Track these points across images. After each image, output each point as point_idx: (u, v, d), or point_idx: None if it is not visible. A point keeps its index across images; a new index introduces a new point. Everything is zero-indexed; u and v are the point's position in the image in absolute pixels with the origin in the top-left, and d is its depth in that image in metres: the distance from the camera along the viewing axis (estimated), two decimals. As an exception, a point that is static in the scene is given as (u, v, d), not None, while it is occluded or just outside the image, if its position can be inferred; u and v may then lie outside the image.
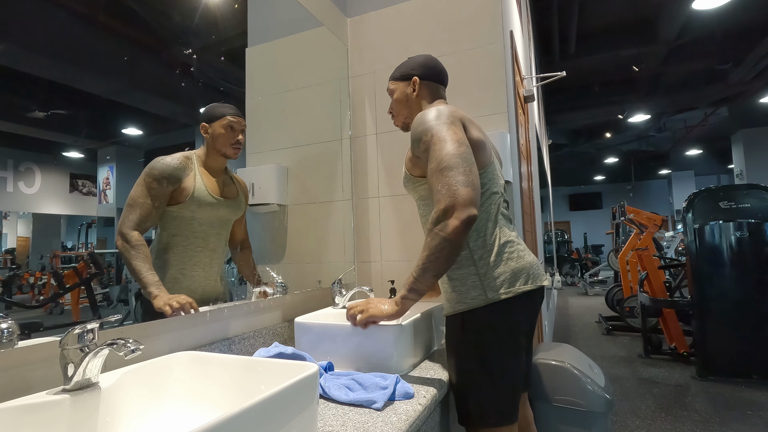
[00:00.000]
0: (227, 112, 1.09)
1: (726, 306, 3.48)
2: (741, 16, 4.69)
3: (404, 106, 1.21)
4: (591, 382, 1.58)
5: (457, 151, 0.94)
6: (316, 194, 1.67)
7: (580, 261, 11.28)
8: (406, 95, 1.20)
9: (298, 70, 1.63)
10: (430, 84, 1.19)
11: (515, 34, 2.30)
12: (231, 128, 1.09)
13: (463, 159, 0.94)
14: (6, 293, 0.75)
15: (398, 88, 1.22)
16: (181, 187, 0.99)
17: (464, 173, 0.92)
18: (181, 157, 1.01)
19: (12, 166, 0.77)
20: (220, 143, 1.08)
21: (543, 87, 5.93)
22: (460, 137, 0.97)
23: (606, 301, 6.18)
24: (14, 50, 0.76)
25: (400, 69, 1.22)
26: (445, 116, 1.00)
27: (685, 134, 9.30)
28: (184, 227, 1.04)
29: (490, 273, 1.02)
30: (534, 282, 1.04)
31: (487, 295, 1.00)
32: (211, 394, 0.76)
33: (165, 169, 0.97)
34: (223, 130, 1.08)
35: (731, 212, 3.57)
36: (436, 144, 0.96)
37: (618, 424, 2.78)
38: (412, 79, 1.18)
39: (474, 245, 1.04)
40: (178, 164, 0.99)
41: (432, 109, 1.03)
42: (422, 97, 1.18)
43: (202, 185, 1.04)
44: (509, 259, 1.03)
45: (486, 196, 1.06)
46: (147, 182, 0.95)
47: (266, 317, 1.28)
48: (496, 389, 0.98)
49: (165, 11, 1.08)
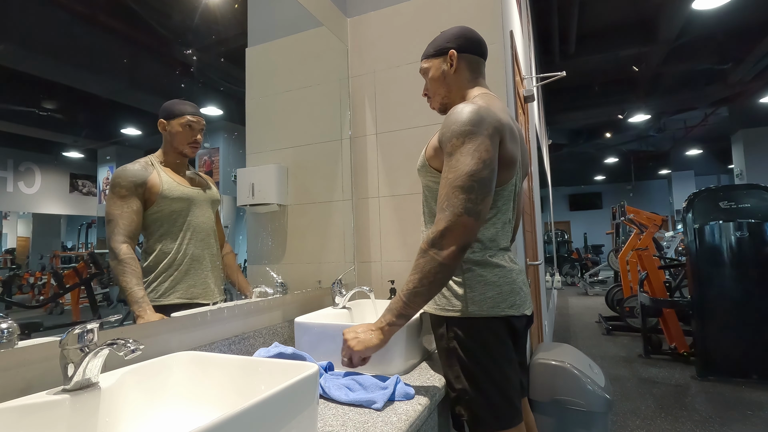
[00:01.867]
0: (187, 110, 1.06)
1: (726, 306, 3.49)
2: (741, 16, 4.69)
3: (441, 84, 1.09)
4: (591, 382, 1.58)
5: (479, 175, 0.88)
6: (316, 194, 1.67)
7: (580, 261, 11.28)
8: (443, 72, 1.08)
9: (298, 70, 1.63)
10: (471, 57, 1.07)
11: (515, 34, 2.30)
12: (189, 127, 1.06)
13: (480, 184, 0.88)
14: (6, 293, 0.75)
15: (433, 66, 1.10)
16: (148, 186, 0.98)
17: (475, 201, 0.87)
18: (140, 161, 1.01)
19: (12, 166, 0.77)
20: (177, 141, 1.05)
21: (543, 87, 5.93)
22: (489, 157, 0.89)
23: (606, 301, 6.18)
24: (14, 50, 0.76)
25: (434, 44, 1.10)
26: (486, 125, 0.91)
27: (685, 134, 9.31)
28: (168, 225, 1.03)
29: (477, 288, 0.98)
30: (518, 309, 1.00)
31: (468, 308, 0.97)
32: (211, 394, 0.76)
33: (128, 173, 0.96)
34: (181, 128, 1.05)
35: (731, 212, 3.57)
36: (462, 155, 0.89)
37: (618, 424, 2.78)
38: (449, 53, 1.06)
39: (468, 256, 1.00)
40: (139, 167, 0.98)
41: (473, 109, 0.92)
42: (461, 72, 1.07)
43: (168, 178, 1.03)
44: (501, 278, 0.99)
45: (493, 212, 1.01)
46: (117, 192, 0.94)
47: (266, 317, 1.28)
48: (487, 395, 0.94)
49: (165, 11, 1.08)
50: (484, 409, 0.94)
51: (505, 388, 0.95)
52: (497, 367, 0.96)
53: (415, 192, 1.74)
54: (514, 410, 0.96)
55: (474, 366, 0.95)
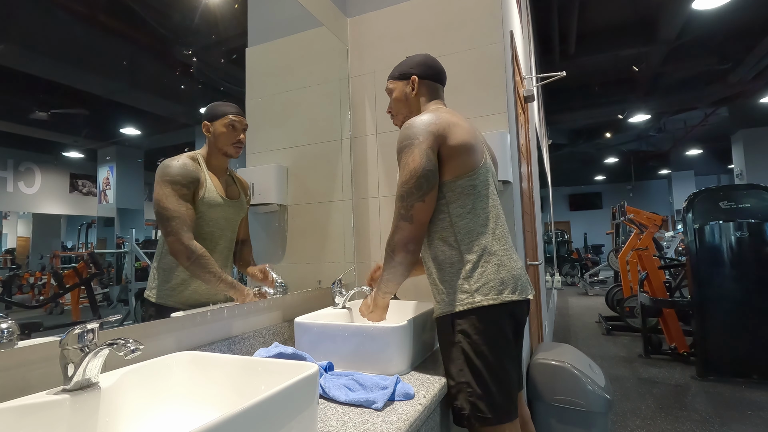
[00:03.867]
0: (229, 110, 1.09)
1: (726, 306, 3.49)
2: (741, 16, 4.68)
3: (404, 105, 1.22)
4: (591, 382, 1.58)
5: (407, 185, 1.02)
6: (316, 194, 1.67)
7: (580, 261, 11.27)
8: (405, 94, 1.21)
9: (298, 70, 1.63)
10: (430, 83, 1.20)
11: (515, 34, 2.30)
12: (233, 127, 1.08)
13: (408, 193, 1.02)
14: (6, 293, 0.75)
15: (397, 87, 1.22)
16: (199, 185, 1.00)
17: (406, 207, 1.02)
18: (189, 157, 1.01)
19: (12, 166, 0.77)
20: (221, 142, 1.07)
21: (543, 87, 5.93)
22: (416, 165, 1.01)
23: (606, 301, 6.18)
24: (14, 50, 0.76)
25: (399, 68, 1.23)
26: (417, 134, 1.03)
27: (685, 134, 9.30)
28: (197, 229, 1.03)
29: (479, 279, 1.02)
30: (521, 293, 1.05)
31: (474, 299, 1.01)
32: (211, 394, 0.76)
33: (186, 172, 0.97)
34: (225, 129, 1.07)
35: (731, 212, 3.57)
36: (401, 170, 1.04)
37: (618, 424, 2.78)
38: (411, 78, 1.19)
39: (465, 248, 1.04)
40: (192, 166, 0.99)
41: (410, 123, 1.06)
42: (421, 95, 1.19)
43: (212, 186, 1.04)
44: (499, 266, 1.04)
45: (475, 197, 1.06)
46: (175, 189, 0.94)
47: (266, 317, 1.28)
48: (488, 389, 0.98)
49: (165, 11, 1.08)
50: (485, 403, 0.98)
51: (506, 384, 1.00)
52: (500, 363, 1.00)
53: (415, 192, 1.74)
54: (513, 405, 1.01)
55: (478, 360, 0.99)
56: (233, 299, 1.17)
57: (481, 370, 0.98)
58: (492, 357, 0.99)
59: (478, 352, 0.99)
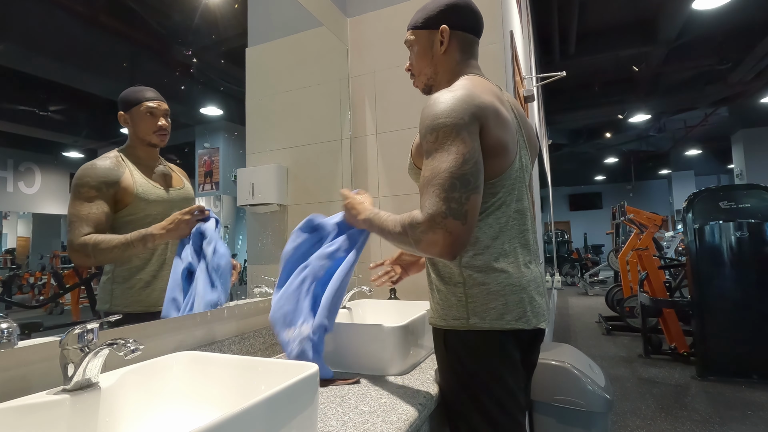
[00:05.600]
0: (144, 96, 0.97)
1: (726, 306, 3.49)
2: (741, 16, 4.69)
3: (428, 63, 0.97)
4: (591, 382, 1.58)
5: (459, 170, 0.77)
6: (316, 194, 1.67)
7: (580, 261, 11.27)
8: (432, 50, 0.95)
9: (298, 70, 1.63)
10: (464, 36, 0.94)
11: (515, 34, 2.30)
12: (151, 114, 0.98)
13: (462, 181, 0.77)
14: (6, 293, 0.75)
15: (420, 40, 0.96)
16: (122, 188, 0.92)
17: (459, 201, 0.76)
18: (109, 156, 0.92)
19: (12, 166, 0.77)
20: (142, 132, 0.97)
21: (543, 87, 5.92)
22: (468, 150, 0.78)
23: (606, 301, 6.18)
24: (14, 50, 0.76)
25: (423, 11, 0.96)
26: (460, 114, 0.79)
27: (685, 134, 9.31)
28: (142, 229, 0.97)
29: (480, 297, 0.86)
30: (529, 322, 0.86)
31: (469, 320, 0.86)
32: (211, 394, 0.76)
33: (98, 172, 0.88)
34: (143, 116, 0.97)
35: (731, 212, 3.57)
36: (439, 153, 0.79)
37: (618, 424, 2.78)
38: (441, 29, 0.93)
39: (465, 259, 0.87)
40: (109, 164, 0.90)
41: (447, 98, 0.81)
42: (452, 53, 0.94)
43: (141, 179, 0.96)
44: (507, 287, 0.86)
45: (495, 207, 0.88)
46: (83, 192, 0.86)
47: (266, 317, 1.28)
48: (486, 413, 0.85)
49: (165, 11, 1.08)
50: (484, 426, 0.85)
51: (508, 406, 0.86)
52: (500, 385, 0.85)
53: (414, 192, 1.74)
54: (518, 426, 0.88)
55: (474, 382, 0.86)
56: (231, 299, 1.17)
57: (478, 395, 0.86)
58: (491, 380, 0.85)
59: (474, 375, 0.86)
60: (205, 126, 1.23)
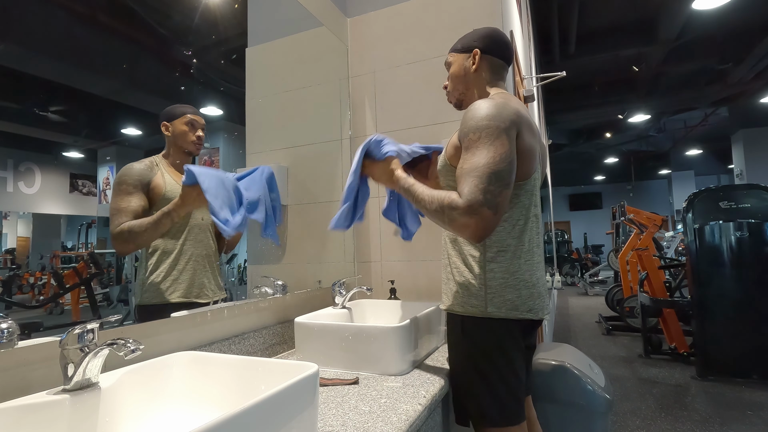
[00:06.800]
0: (187, 110, 1.12)
1: (726, 306, 3.48)
2: (741, 16, 4.69)
3: (461, 80, 1.12)
4: (591, 382, 1.58)
5: (497, 167, 0.87)
6: (316, 194, 1.67)
7: (580, 261, 11.28)
8: (465, 69, 1.11)
9: (298, 70, 1.63)
10: (493, 60, 1.09)
11: (515, 34, 2.30)
12: (191, 125, 1.12)
13: (498, 176, 0.87)
14: (6, 293, 0.75)
15: (456, 61, 1.12)
16: (152, 187, 1.02)
17: (494, 193, 0.86)
18: (146, 160, 1.04)
19: (12, 166, 0.77)
20: (181, 140, 1.11)
21: (543, 87, 5.92)
22: (505, 151, 0.89)
23: (606, 301, 6.18)
24: (14, 50, 0.76)
25: (462, 40, 1.13)
26: (503, 118, 0.90)
27: (685, 134, 9.31)
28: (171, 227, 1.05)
29: (498, 289, 0.98)
30: (536, 314, 1.00)
31: (487, 308, 0.98)
32: (211, 394, 0.76)
33: (134, 171, 0.99)
34: (185, 127, 1.11)
35: (731, 212, 3.57)
36: (479, 149, 0.89)
37: (618, 424, 2.78)
38: (473, 51, 1.09)
39: (489, 254, 0.99)
40: (144, 166, 1.02)
41: (490, 104, 0.92)
42: (482, 72, 1.09)
43: (171, 181, 1.06)
44: (521, 282, 0.99)
45: (518, 208, 1.00)
46: (124, 189, 0.97)
47: (266, 317, 1.28)
48: (495, 393, 0.97)
49: (165, 11, 1.08)
50: (491, 404, 0.97)
51: (514, 386, 0.97)
52: (509, 366, 0.97)
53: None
54: (520, 408, 0.99)
55: (486, 364, 0.97)
56: (231, 298, 1.17)
57: (489, 374, 0.97)
58: (502, 361, 0.97)
59: (488, 356, 0.98)
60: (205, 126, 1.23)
